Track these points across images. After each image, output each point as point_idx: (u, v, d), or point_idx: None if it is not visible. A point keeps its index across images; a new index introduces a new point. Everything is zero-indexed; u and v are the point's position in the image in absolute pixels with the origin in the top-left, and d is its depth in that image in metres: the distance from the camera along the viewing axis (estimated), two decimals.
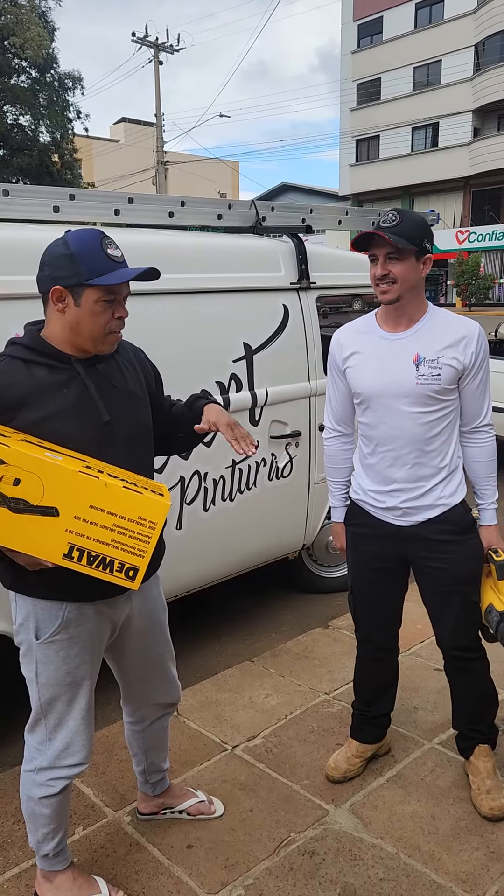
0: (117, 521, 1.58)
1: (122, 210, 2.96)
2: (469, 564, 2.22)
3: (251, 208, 3.49)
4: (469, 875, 2.06)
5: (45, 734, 1.86)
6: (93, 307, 1.68)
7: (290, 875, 2.08)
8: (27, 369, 1.70)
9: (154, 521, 1.60)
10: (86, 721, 1.87)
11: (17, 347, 1.73)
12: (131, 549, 1.60)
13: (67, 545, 1.58)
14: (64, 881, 1.96)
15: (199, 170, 36.03)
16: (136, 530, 1.59)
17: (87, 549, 1.59)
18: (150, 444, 1.91)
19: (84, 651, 1.82)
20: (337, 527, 2.44)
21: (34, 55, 22.72)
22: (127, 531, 1.59)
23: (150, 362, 2.02)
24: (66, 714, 1.84)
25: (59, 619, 1.77)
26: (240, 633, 3.69)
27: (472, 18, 27.85)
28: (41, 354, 1.72)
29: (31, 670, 1.82)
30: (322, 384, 3.50)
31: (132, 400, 1.83)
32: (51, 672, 1.80)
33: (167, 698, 2.12)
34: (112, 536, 1.59)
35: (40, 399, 1.68)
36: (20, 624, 1.81)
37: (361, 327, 2.26)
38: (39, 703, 1.84)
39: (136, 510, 1.59)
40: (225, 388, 3.14)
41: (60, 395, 1.70)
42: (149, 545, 1.61)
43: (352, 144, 33.24)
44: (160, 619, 2.03)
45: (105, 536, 1.59)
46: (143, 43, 27.56)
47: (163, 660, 2.06)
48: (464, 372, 2.12)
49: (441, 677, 2.79)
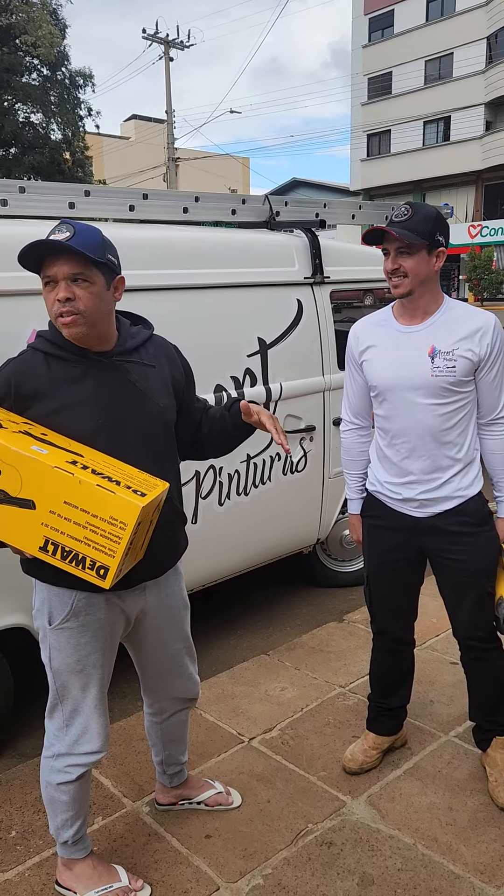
0: (89, 519, 1.58)
1: (136, 206, 2.98)
2: (486, 556, 2.22)
3: (265, 203, 3.50)
4: (487, 866, 2.06)
5: (62, 720, 1.89)
6: (44, 294, 1.72)
7: (308, 865, 2.09)
8: (46, 362, 1.75)
9: (125, 521, 1.57)
10: (98, 710, 1.89)
11: (41, 340, 1.79)
12: (102, 547, 1.59)
13: (43, 538, 1.60)
14: (84, 869, 1.99)
15: (210, 166, 36.03)
16: (107, 529, 1.58)
17: (60, 543, 1.60)
18: (169, 442, 1.91)
19: (95, 640, 1.84)
20: (353, 519, 2.45)
21: (46, 53, 22.76)
22: (98, 530, 1.58)
23: (182, 361, 1.99)
24: (80, 701, 1.87)
25: (69, 606, 1.80)
26: (255, 626, 3.70)
27: (485, 10, 27.62)
28: (59, 348, 1.76)
29: (46, 655, 1.86)
30: (336, 378, 3.51)
31: (150, 396, 1.83)
32: (63, 658, 1.83)
33: (184, 693, 2.13)
34: (84, 534, 1.58)
35: (54, 391, 1.72)
36: (37, 609, 1.86)
37: (378, 320, 2.27)
38: (56, 688, 1.88)
39: (108, 510, 1.57)
40: (240, 383, 3.15)
41: (73, 389, 1.74)
42: (119, 545, 1.58)
43: (363, 139, 33.09)
44: (179, 616, 2.04)
45: (78, 533, 1.59)
46: (153, 39, 27.55)
47: (180, 656, 2.07)
48: (479, 364, 2.12)
49: (457, 671, 2.80)
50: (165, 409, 1.87)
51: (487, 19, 27.53)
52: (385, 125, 31.82)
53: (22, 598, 2.02)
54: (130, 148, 40.17)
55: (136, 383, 1.81)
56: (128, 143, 41.34)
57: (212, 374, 3.04)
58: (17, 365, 1.76)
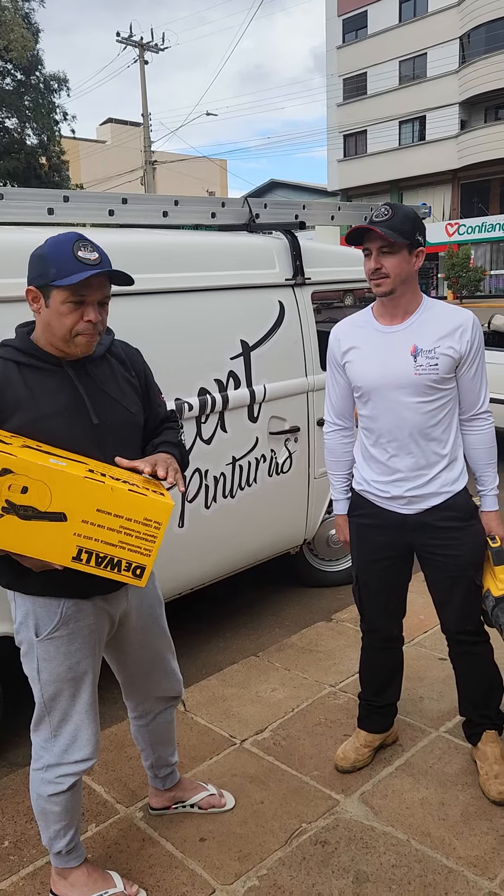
0: (123, 523, 1.62)
1: (116, 210, 2.98)
2: (473, 549, 2.25)
3: (244, 206, 3.50)
4: (479, 859, 2.08)
5: (49, 731, 1.88)
6: (59, 308, 1.68)
7: (303, 864, 2.10)
8: (20, 372, 1.72)
9: (159, 521, 1.64)
10: (89, 715, 1.89)
11: (9, 350, 1.75)
12: (137, 548, 1.64)
13: (76, 548, 1.61)
14: (79, 877, 1.98)
15: (188, 169, 36.00)
16: (141, 531, 1.63)
17: (95, 550, 1.62)
18: (139, 445, 1.91)
19: (85, 646, 1.84)
20: (340, 519, 2.46)
21: (18, 57, 22.61)
22: (133, 532, 1.63)
23: (143, 365, 1.98)
24: (69, 709, 1.86)
25: (57, 615, 1.79)
26: (243, 628, 3.71)
27: (457, 10, 27.88)
28: (32, 357, 1.74)
29: (33, 668, 1.84)
30: (319, 379, 3.52)
31: (121, 402, 1.84)
32: (53, 668, 1.82)
33: (169, 692, 2.14)
34: (119, 538, 1.62)
35: (34, 401, 1.70)
36: (20, 623, 1.84)
37: (359, 322, 2.29)
38: (43, 701, 1.86)
39: (142, 511, 1.62)
40: (223, 386, 3.15)
41: (54, 397, 1.73)
42: (154, 544, 1.65)
43: (339, 140, 33.24)
44: (157, 613, 2.06)
45: (112, 538, 1.62)
46: (127, 43, 27.50)
47: (162, 652, 2.09)
48: (460, 360, 2.14)
49: (445, 666, 2.82)
50: (136, 415, 1.88)
51: (460, 19, 27.79)
52: (361, 125, 32.00)
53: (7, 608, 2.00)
54: (107, 151, 40.08)
55: (109, 392, 1.82)
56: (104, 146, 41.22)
57: (195, 378, 3.04)
58: None
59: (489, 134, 27.39)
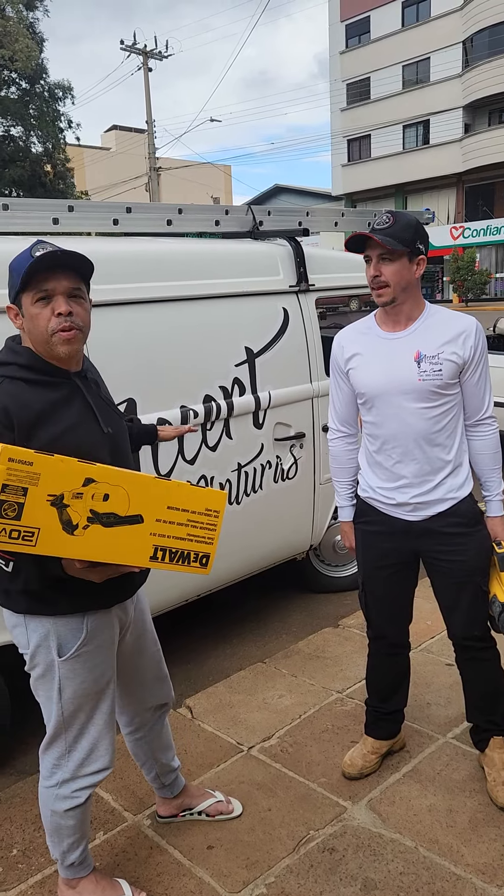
0: (190, 517, 1.72)
1: (120, 220, 2.99)
2: (479, 555, 2.25)
3: (248, 213, 3.52)
4: (488, 866, 2.08)
5: (64, 747, 1.85)
6: (31, 311, 1.65)
7: (311, 872, 2.10)
8: (31, 388, 1.68)
9: (217, 509, 1.75)
10: (108, 725, 1.89)
11: (12, 367, 1.69)
12: (202, 538, 1.74)
13: (153, 547, 1.68)
14: (87, 886, 1.98)
15: (192, 175, 36.12)
16: (204, 521, 1.74)
17: (168, 547, 1.70)
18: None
19: (108, 657, 1.85)
20: (345, 526, 2.47)
21: (23, 66, 22.81)
22: (198, 523, 1.73)
23: None
24: (87, 722, 1.85)
25: (82, 631, 1.77)
26: (250, 635, 3.71)
27: (460, 15, 27.91)
28: (41, 372, 1.70)
29: (53, 689, 1.80)
30: (324, 385, 3.52)
31: (116, 411, 1.89)
32: (77, 685, 1.80)
33: (162, 698, 2.14)
34: (187, 531, 1.72)
35: (54, 415, 1.68)
36: (36, 646, 1.77)
37: (362, 328, 2.29)
38: (62, 719, 1.82)
39: (203, 503, 1.73)
40: (228, 393, 3.16)
41: (70, 409, 1.72)
42: (215, 532, 1.76)
43: (343, 144, 33.29)
44: (148, 619, 2.08)
45: (181, 532, 1.71)
46: (131, 50, 27.66)
47: (157, 658, 2.11)
48: (464, 366, 2.15)
49: (452, 672, 2.82)
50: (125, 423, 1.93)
51: (463, 23, 27.82)
52: (365, 130, 32.05)
53: None
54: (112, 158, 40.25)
55: (106, 400, 1.86)
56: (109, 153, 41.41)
57: (200, 385, 3.05)
58: (5, 396, 1.65)
59: (493, 137, 27.40)
